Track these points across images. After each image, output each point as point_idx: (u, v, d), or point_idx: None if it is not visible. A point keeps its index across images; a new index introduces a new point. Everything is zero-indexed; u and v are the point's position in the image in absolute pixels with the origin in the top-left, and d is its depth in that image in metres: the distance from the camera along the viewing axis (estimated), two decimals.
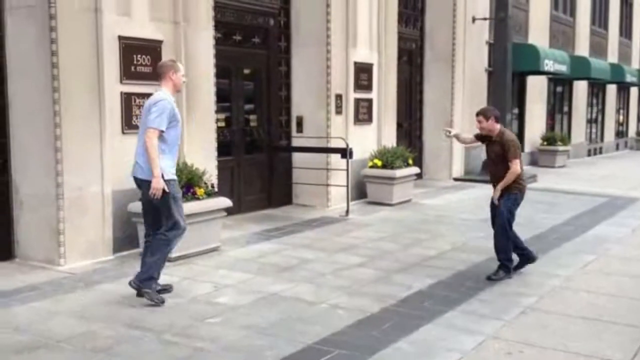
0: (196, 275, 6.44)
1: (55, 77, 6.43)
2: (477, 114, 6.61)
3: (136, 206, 6.99)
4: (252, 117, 10.30)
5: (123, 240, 7.15)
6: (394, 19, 12.18)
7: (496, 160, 6.52)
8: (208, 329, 4.97)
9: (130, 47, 7.22)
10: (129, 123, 7.22)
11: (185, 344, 4.65)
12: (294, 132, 10.75)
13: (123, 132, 7.19)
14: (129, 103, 7.22)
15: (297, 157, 10.70)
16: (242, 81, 10.07)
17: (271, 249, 7.64)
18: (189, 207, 6.91)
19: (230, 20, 9.47)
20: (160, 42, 7.53)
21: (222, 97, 9.15)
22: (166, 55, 7.55)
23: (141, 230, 7.02)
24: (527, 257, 6.69)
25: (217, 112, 8.59)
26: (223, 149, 9.06)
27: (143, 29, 7.36)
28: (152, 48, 7.45)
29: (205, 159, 7.90)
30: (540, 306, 5.67)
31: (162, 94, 5.55)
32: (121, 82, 7.16)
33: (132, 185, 6.86)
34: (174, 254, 6.82)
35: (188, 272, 6.52)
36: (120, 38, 7.12)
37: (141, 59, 7.33)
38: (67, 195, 6.58)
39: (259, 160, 10.28)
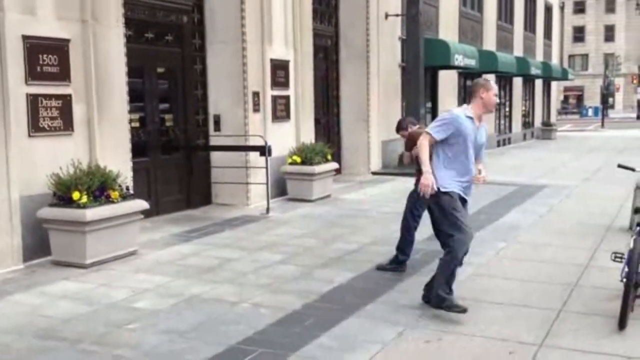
0: (113, 280, 6.26)
1: None
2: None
3: (46, 212, 6.75)
4: (168, 116, 10.11)
5: (34, 248, 6.86)
6: (309, 16, 12.24)
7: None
8: (127, 335, 4.85)
9: (36, 46, 6.93)
10: (35, 126, 6.93)
11: (104, 352, 4.51)
12: (211, 131, 10.62)
13: (30, 135, 6.90)
14: (35, 105, 6.92)
15: (216, 156, 10.59)
16: (156, 80, 9.86)
17: (191, 250, 7.53)
18: (102, 211, 6.73)
19: (141, 18, 9.25)
20: (67, 41, 7.27)
21: (136, 96, 8.92)
22: (74, 55, 7.31)
23: (52, 237, 6.77)
24: (397, 260, 6.67)
25: (130, 112, 8.36)
26: (138, 149, 8.84)
27: (48, 27, 7.08)
28: (58, 47, 7.18)
29: (118, 161, 7.70)
30: (457, 294, 5.80)
31: (458, 108, 5.46)
32: (26, 83, 6.86)
33: (42, 190, 6.60)
34: (88, 259, 6.64)
35: (104, 278, 6.33)
36: (25, 37, 6.82)
37: (47, 59, 7.05)
38: None
39: (176, 161, 10.11)
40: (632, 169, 6.39)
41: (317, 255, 7.33)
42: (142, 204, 7.25)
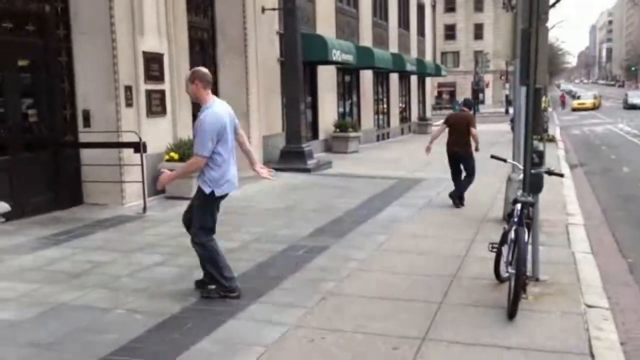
0: None
1: None
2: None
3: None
4: (31, 111, 9.41)
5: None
6: (183, 8, 11.82)
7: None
8: None
9: None
10: None
11: None
12: (80, 127, 9.99)
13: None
14: None
15: (86, 154, 9.98)
16: (17, 73, 9.16)
17: (60, 255, 7.02)
18: None
19: None
20: None
21: None
22: None
23: None
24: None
25: None
26: None
27: None
28: None
29: None
30: (340, 290, 5.78)
31: None
32: None
33: None
34: None
35: None
36: None
37: None
38: None
39: (42, 159, 9.44)
40: (504, 160, 6.61)
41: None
42: (3, 206, 6.67)
